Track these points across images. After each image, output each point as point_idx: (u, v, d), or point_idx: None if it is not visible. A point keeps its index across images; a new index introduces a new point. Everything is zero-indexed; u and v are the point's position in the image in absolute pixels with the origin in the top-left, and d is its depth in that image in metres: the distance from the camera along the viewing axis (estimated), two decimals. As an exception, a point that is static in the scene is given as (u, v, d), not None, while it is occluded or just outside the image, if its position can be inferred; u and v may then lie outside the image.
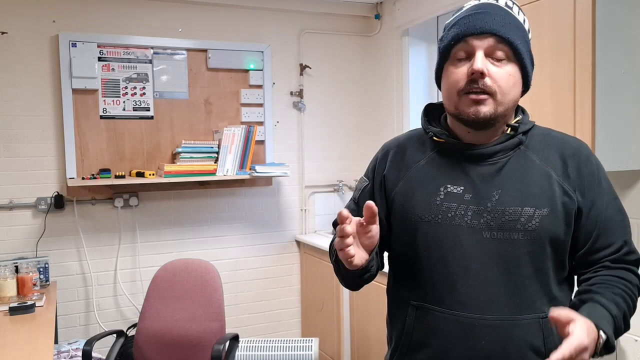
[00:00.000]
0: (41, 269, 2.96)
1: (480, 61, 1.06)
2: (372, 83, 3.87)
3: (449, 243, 1.12)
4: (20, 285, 2.73)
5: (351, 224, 1.02)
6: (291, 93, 3.68)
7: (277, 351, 3.12)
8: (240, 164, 3.33)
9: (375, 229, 1.06)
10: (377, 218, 1.05)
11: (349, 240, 1.01)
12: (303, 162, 3.73)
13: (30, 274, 2.79)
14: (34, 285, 2.79)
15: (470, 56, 1.09)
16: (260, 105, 3.56)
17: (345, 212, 1.01)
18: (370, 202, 1.02)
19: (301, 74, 3.69)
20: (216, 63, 3.41)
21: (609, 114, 1.81)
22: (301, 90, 3.69)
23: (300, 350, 3.11)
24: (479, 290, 1.09)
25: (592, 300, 1.07)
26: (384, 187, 1.24)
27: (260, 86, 3.55)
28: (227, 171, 3.28)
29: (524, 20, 1.14)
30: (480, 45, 1.07)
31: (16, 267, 2.84)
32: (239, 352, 3.11)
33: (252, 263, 3.62)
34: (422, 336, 1.16)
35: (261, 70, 3.53)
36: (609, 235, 1.12)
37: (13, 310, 2.47)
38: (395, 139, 1.30)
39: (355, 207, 1.30)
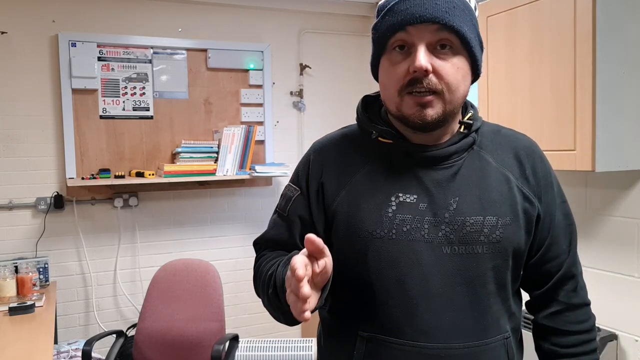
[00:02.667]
0: (41, 269, 2.96)
1: (423, 57, 0.90)
2: (373, 83, 3.85)
3: (406, 262, 0.95)
4: (20, 286, 2.73)
5: (303, 271, 0.78)
6: (291, 93, 3.68)
7: (277, 351, 3.11)
8: (240, 164, 3.33)
9: (328, 262, 0.84)
10: (326, 250, 0.83)
11: (306, 298, 0.78)
12: (303, 162, 3.72)
13: (30, 274, 2.79)
14: (34, 285, 2.79)
15: (409, 47, 0.93)
16: (260, 105, 3.56)
17: (301, 271, 0.76)
18: (312, 237, 0.80)
19: (301, 74, 3.69)
20: (216, 63, 3.41)
21: (609, 114, 1.81)
22: (301, 90, 3.69)
23: (300, 351, 3.11)
24: (442, 315, 0.95)
25: None
26: (322, 197, 1.04)
27: (260, 86, 3.54)
28: (227, 171, 3.28)
29: None
30: (422, 37, 0.91)
31: (16, 267, 2.84)
32: (238, 352, 3.11)
33: (252, 263, 3.59)
34: None
35: (261, 70, 3.53)
36: (558, 244, 1.05)
37: (13, 311, 2.47)
38: (328, 138, 1.11)
39: (284, 222, 1.09)
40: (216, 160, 3.29)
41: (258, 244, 1.17)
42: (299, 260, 0.78)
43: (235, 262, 3.57)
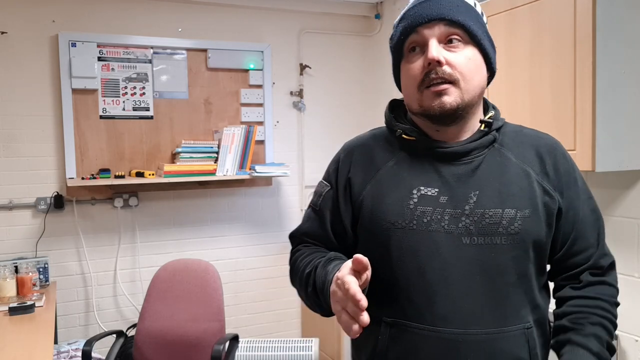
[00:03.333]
0: (41, 269, 2.96)
1: (434, 49, 1.00)
2: (372, 83, 3.87)
3: (426, 251, 1.02)
4: (20, 286, 2.73)
5: (365, 302, 0.86)
6: (291, 93, 3.68)
7: (277, 351, 3.11)
8: (240, 164, 3.33)
9: (369, 273, 0.92)
10: (369, 264, 0.91)
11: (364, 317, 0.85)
12: (303, 162, 3.72)
13: (30, 274, 2.79)
14: (34, 285, 2.79)
15: (423, 47, 1.03)
16: (260, 105, 3.56)
17: (364, 302, 0.85)
18: (359, 257, 0.89)
19: (301, 74, 3.69)
20: (216, 63, 3.41)
21: (609, 114, 1.81)
22: (301, 90, 3.69)
23: (300, 351, 3.11)
24: (460, 303, 1.00)
25: (569, 342, 1.02)
26: (349, 191, 1.12)
27: (260, 86, 3.54)
28: (227, 171, 3.28)
29: (475, 4, 1.07)
30: (431, 34, 1.01)
31: (16, 267, 2.84)
32: (238, 352, 3.11)
33: (252, 263, 3.62)
34: (398, 357, 1.04)
35: (261, 70, 3.53)
36: (585, 238, 1.08)
37: (13, 311, 2.47)
38: (357, 139, 1.21)
39: (316, 216, 1.17)
40: (216, 160, 3.29)
41: (294, 237, 1.25)
42: (357, 289, 0.86)
43: (235, 262, 3.57)
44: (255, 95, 3.54)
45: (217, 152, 3.29)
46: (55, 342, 2.85)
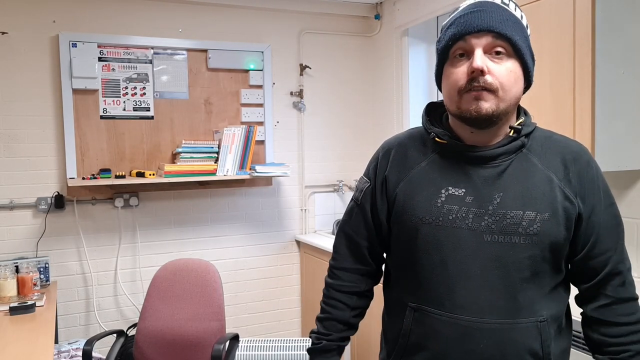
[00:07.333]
0: (41, 269, 2.96)
1: (479, 59, 1.05)
2: (372, 83, 3.87)
3: (449, 245, 1.11)
4: (21, 285, 2.73)
5: None
6: (291, 93, 3.68)
7: (277, 351, 3.12)
8: (240, 164, 3.33)
9: None
10: None
11: None
12: (303, 162, 3.73)
13: (31, 273, 2.79)
14: (34, 285, 2.79)
15: (469, 55, 1.08)
16: (260, 105, 3.57)
17: None
18: None
19: (301, 74, 3.69)
20: (216, 63, 3.41)
21: (609, 114, 1.81)
22: (301, 90, 3.69)
23: (300, 350, 3.11)
24: (477, 294, 1.09)
25: None
26: (385, 187, 1.22)
27: (260, 86, 3.55)
28: (227, 171, 3.29)
29: (522, 17, 1.13)
30: (479, 43, 1.07)
31: (16, 267, 2.85)
32: (239, 352, 3.11)
33: (252, 263, 3.62)
34: (419, 339, 1.15)
35: (261, 70, 3.53)
36: (604, 242, 1.13)
37: (13, 310, 2.47)
38: (395, 138, 1.29)
39: (359, 210, 1.28)
40: (216, 160, 3.29)
41: (343, 232, 1.32)
42: None
43: (235, 262, 3.57)
44: (256, 96, 3.54)
45: (218, 152, 3.29)
46: (56, 341, 2.85)
